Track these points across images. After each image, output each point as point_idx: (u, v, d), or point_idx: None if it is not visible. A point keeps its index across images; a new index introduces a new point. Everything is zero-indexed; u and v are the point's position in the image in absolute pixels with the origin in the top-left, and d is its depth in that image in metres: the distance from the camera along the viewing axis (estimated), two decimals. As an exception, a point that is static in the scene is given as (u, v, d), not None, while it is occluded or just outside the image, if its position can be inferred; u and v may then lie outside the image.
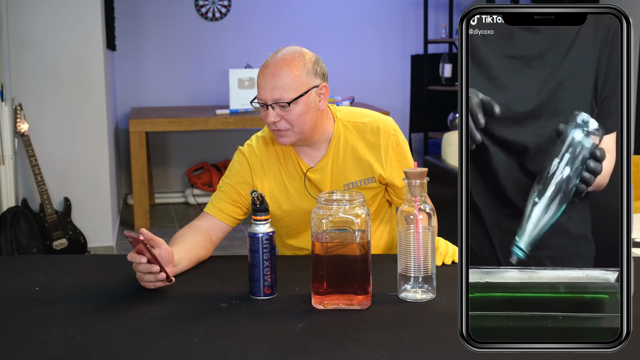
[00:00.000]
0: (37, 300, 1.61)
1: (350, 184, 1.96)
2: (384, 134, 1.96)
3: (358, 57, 6.53)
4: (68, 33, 4.47)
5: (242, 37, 6.32)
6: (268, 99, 1.85)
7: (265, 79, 1.85)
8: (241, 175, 1.97)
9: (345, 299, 1.52)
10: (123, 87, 6.17)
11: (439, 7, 6.55)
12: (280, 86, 1.83)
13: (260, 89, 1.86)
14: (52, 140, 4.51)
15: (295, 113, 1.85)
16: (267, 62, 1.88)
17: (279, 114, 1.85)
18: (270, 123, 1.87)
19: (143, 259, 1.60)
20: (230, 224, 1.97)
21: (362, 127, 1.97)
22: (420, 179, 1.53)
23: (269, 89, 1.84)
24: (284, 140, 1.89)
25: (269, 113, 1.86)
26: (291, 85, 1.84)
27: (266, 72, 1.86)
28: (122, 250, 4.76)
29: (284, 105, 1.84)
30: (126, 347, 1.34)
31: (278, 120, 1.86)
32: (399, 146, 1.98)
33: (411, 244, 1.53)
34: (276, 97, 1.84)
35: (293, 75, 1.84)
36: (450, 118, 6.21)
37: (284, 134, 1.88)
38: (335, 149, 1.96)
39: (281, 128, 1.87)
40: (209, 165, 6.27)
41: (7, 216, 4.07)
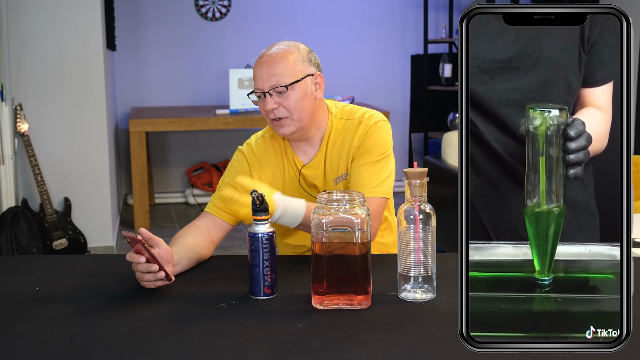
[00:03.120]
0: (37, 300, 1.61)
1: (338, 179, 1.97)
2: (363, 125, 1.95)
3: (358, 57, 6.53)
4: (68, 33, 4.47)
5: (242, 37, 6.32)
6: (265, 86, 1.87)
7: (262, 67, 1.88)
8: (240, 174, 1.98)
9: (345, 299, 1.52)
10: (123, 87, 6.17)
11: (439, 7, 6.55)
12: (276, 72, 1.86)
13: (257, 79, 1.88)
14: (52, 140, 4.51)
15: (293, 99, 1.87)
16: (262, 54, 1.91)
17: (277, 101, 1.87)
18: (268, 111, 1.88)
19: (142, 258, 1.60)
20: (231, 222, 1.97)
21: (350, 124, 1.99)
22: (420, 179, 1.53)
23: (266, 76, 1.87)
24: (284, 130, 1.90)
25: (266, 101, 1.87)
26: (287, 70, 1.87)
27: (262, 62, 1.89)
28: (122, 250, 4.76)
29: (281, 91, 1.86)
30: (126, 347, 1.34)
31: (276, 107, 1.87)
32: (371, 134, 1.92)
33: (411, 244, 1.53)
34: (273, 82, 1.86)
35: (289, 62, 1.87)
36: (450, 118, 6.21)
37: (283, 122, 1.89)
38: (326, 145, 1.98)
39: (280, 116, 1.88)
40: (209, 165, 6.27)
41: (7, 216, 4.07)
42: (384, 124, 1.96)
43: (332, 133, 1.99)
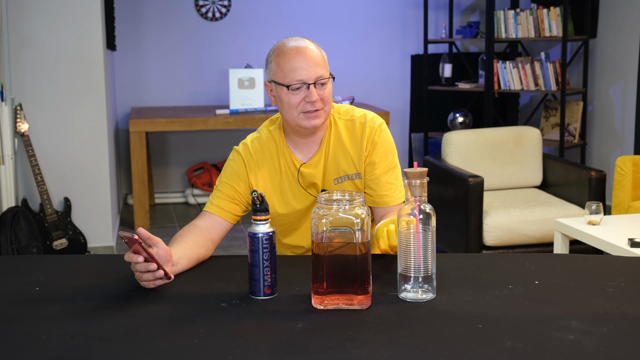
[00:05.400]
0: (37, 300, 1.61)
1: (339, 179, 1.97)
2: (369, 128, 1.99)
3: (358, 57, 6.53)
4: (68, 33, 4.47)
5: (242, 37, 6.32)
6: (311, 77, 1.89)
7: (305, 59, 1.89)
8: (237, 174, 1.98)
9: (345, 299, 1.52)
10: (123, 87, 6.17)
11: (439, 7, 6.55)
12: (320, 64, 1.91)
13: (300, 70, 1.88)
14: (52, 140, 4.51)
15: (328, 90, 1.93)
16: (295, 46, 1.91)
17: (319, 93, 1.90)
18: (313, 102, 1.90)
19: (140, 258, 1.60)
20: (231, 220, 1.97)
21: (350, 124, 2.01)
22: (420, 179, 1.53)
23: (311, 67, 1.89)
24: (317, 121, 1.93)
25: (311, 92, 1.89)
26: (325, 63, 1.93)
27: (300, 53, 1.89)
28: (121, 250, 4.76)
29: (324, 83, 1.91)
30: (126, 347, 1.34)
31: (319, 99, 1.90)
32: (379, 140, 1.99)
33: (411, 244, 1.53)
34: (319, 74, 1.90)
35: (323, 55, 1.94)
36: (450, 118, 6.21)
37: (319, 114, 1.92)
38: (327, 144, 2.00)
39: (318, 108, 1.91)
40: (209, 165, 6.27)
41: (7, 216, 4.07)
42: (385, 126, 2.03)
43: (332, 133, 1.99)
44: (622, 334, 1.38)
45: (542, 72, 5.62)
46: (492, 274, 1.74)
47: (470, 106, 6.31)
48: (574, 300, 1.55)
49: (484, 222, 4.03)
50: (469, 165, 4.46)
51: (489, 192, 4.46)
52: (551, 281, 1.68)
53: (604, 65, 5.85)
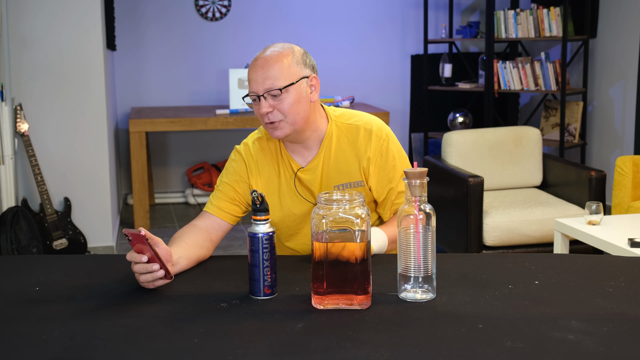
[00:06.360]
0: (37, 300, 1.61)
1: (341, 186, 1.96)
2: (376, 138, 1.97)
3: (358, 57, 6.53)
4: (68, 33, 4.47)
5: (242, 37, 6.32)
6: (260, 89, 1.85)
7: (256, 70, 1.86)
8: (238, 174, 1.98)
9: (345, 299, 1.52)
10: (123, 87, 6.17)
11: (439, 7, 6.55)
12: (271, 75, 1.84)
13: (252, 82, 1.87)
14: (52, 140, 4.51)
15: (287, 102, 1.85)
16: (257, 57, 1.89)
17: (272, 104, 1.85)
18: (263, 115, 1.86)
19: (144, 257, 1.60)
20: (230, 221, 1.97)
21: (354, 130, 1.98)
22: (420, 179, 1.53)
23: (260, 79, 1.85)
24: (278, 133, 1.89)
25: (261, 104, 1.85)
26: (281, 73, 1.84)
27: (256, 65, 1.87)
28: (122, 250, 4.76)
29: (275, 94, 1.84)
30: (126, 347, 1.34)
31: (271, 110, 1.85)
32: (388, 152, 1.98)
33: (411, 244, 1.53)
34: (267, 86, 1.84)
35: (283, 64, 1.85)
36: (450, 118, 6.21)
37: (277, 125, 1.88)
38: (327, 149, 1.97)
39: (274, 120, 1.86)
40: (209, 165, 6.27)
41: (7, 216, 4.07)
42: (392, 134, 2.02)
43: (333, 138, 1.97)
44: (622, 334, 1.38)
45: (542, 72, 5.62)
46: (492, 274, 1.74)
47: (470, 106, 6.31)
48: (574, 300, 1.55)
49: (484, 222, 4.03)
50: (469, 165, 4.46)
51: (489, 192, 4.46)
52: (551, 281, 1.68)
53: (604, 65, 5.85)
